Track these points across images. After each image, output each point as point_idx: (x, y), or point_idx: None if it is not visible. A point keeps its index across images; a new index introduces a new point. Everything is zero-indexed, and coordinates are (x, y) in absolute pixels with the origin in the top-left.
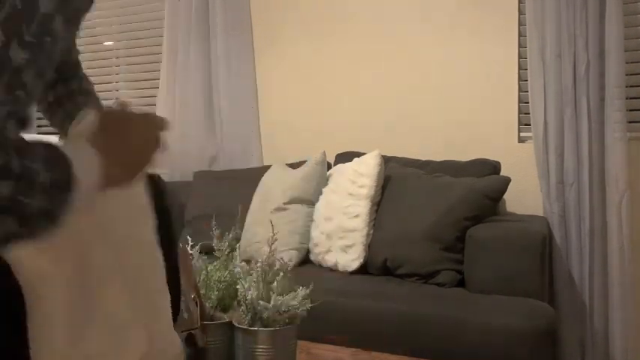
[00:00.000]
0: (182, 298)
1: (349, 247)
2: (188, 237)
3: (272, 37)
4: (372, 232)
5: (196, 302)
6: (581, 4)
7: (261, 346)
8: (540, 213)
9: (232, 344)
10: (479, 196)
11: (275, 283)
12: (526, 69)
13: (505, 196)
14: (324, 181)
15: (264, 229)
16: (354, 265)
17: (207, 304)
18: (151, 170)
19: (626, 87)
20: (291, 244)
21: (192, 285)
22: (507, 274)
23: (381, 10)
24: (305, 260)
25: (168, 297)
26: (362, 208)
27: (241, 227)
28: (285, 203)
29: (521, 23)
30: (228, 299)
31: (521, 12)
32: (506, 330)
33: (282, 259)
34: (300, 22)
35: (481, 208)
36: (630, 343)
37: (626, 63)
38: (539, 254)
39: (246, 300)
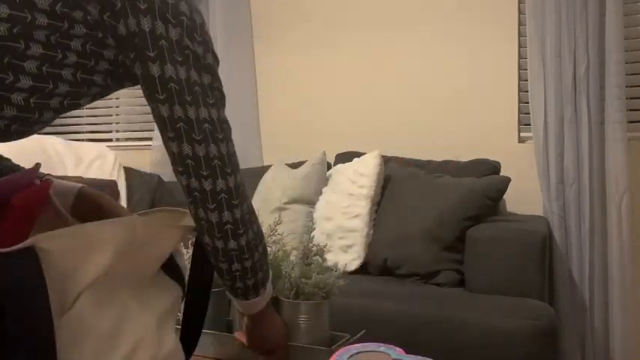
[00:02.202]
0: None
1: (349, 247)
2: None
3: (272, 37)
4: (372, 232)
5: None
6: (581, 4)
7: (302, 316)
8: (540, 213)
9: (278, 314)
10: (479, 196)
11: (313, 264)
12: (526, 69)
13: (505, 196)
14: (324, 181)
15: (264, 228)
16: (354, 265)
17: None
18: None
19: (626, 87)
20: (291, 244)
21: None
22: (507, 274)
23: (382, 10)
24: None
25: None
26: (362, 208)
27: None
28: (285, 203)
29: (521, 23)
30: (273, 278)
31: (521, 12)
32: (506, 330)
33: (319, 244)
34: (300, 23)
35: (481, 208)
36: (630, 343)
37: (626, 63)
38: (539, 254)
39: (290, 278)
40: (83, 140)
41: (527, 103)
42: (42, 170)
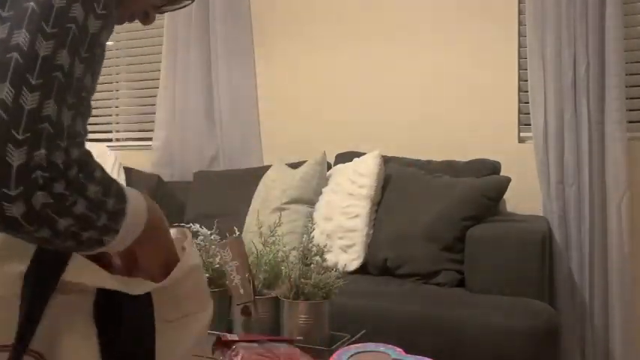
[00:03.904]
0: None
1: (349, 247)
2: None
3: (272, 37)
4: (372, 232)
5: (249, 281)
6: (581, 4)
7: (302, 316)
8: (540, 213)
9: (278, 314)
10: (479, 196)
11: (313, 264)
12: (526, 69)
13: (505, 196)
14: (324, 181)
15: (265, 228)
16: (354, 265)
17: (256, 283)
18: None
19: (626, 87)
20: (291, 244)
21: (246, 267)
22: (507, 274)
23: (381, 10)
24: None
25: None
26: (362, 208)
27: (241, 227)
28: (285, 203)
29: (521, 23)
30: (273, 278)
31: (521, 12)
32: (506, 330)
33: (319, 244)
34: (300, 22)
35: (481, 208)
36: (630, 343)
37: (626, 63)
38: (539, 254)
39: (290, 278)
40: None
41: (527, 103)
42: None
